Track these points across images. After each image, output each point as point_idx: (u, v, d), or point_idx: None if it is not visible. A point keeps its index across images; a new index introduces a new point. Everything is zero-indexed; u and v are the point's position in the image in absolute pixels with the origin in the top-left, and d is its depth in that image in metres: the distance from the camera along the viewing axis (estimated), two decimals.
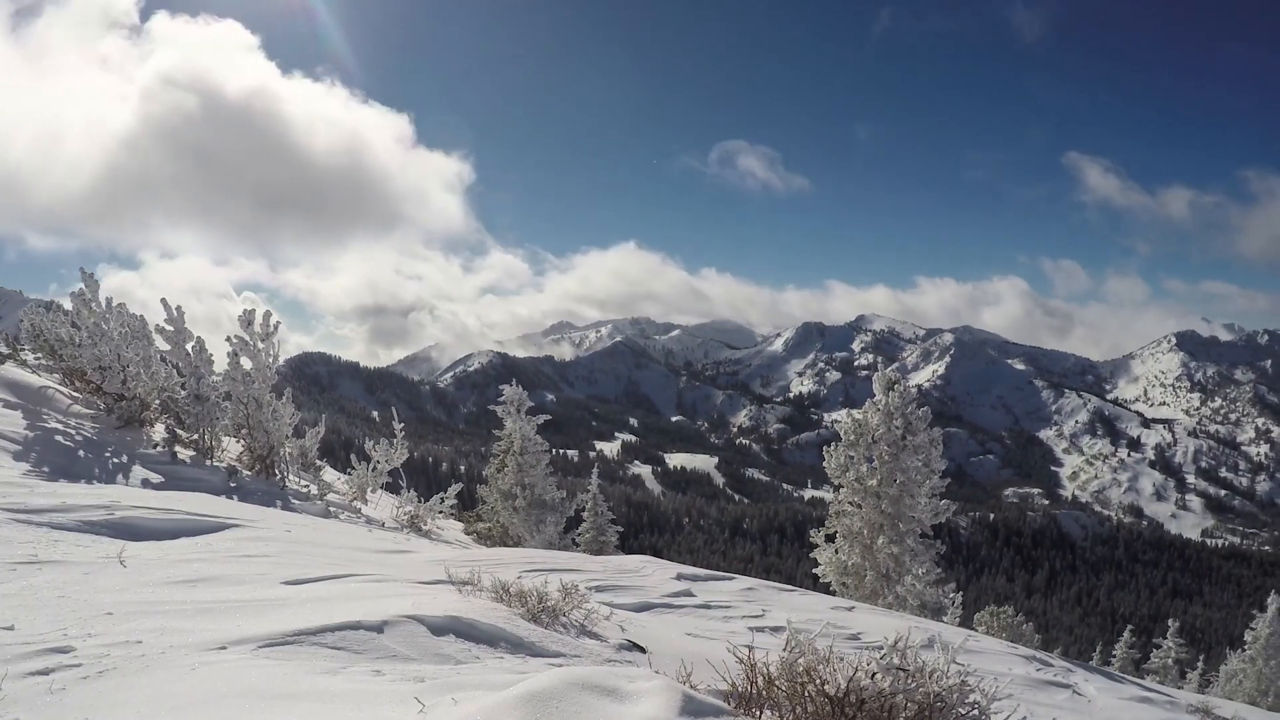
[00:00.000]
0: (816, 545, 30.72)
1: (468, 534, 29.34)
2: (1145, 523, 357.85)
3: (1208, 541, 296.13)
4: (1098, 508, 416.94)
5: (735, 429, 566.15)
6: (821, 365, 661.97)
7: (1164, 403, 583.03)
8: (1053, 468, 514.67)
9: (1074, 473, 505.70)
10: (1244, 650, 50.23)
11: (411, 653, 6.79)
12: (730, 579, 16.81)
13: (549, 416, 33.24)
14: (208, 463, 20.84)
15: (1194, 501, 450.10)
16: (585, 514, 37.68)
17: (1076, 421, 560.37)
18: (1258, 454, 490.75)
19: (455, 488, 26.84)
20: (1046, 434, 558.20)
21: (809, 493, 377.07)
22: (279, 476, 22.15)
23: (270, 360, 22.86)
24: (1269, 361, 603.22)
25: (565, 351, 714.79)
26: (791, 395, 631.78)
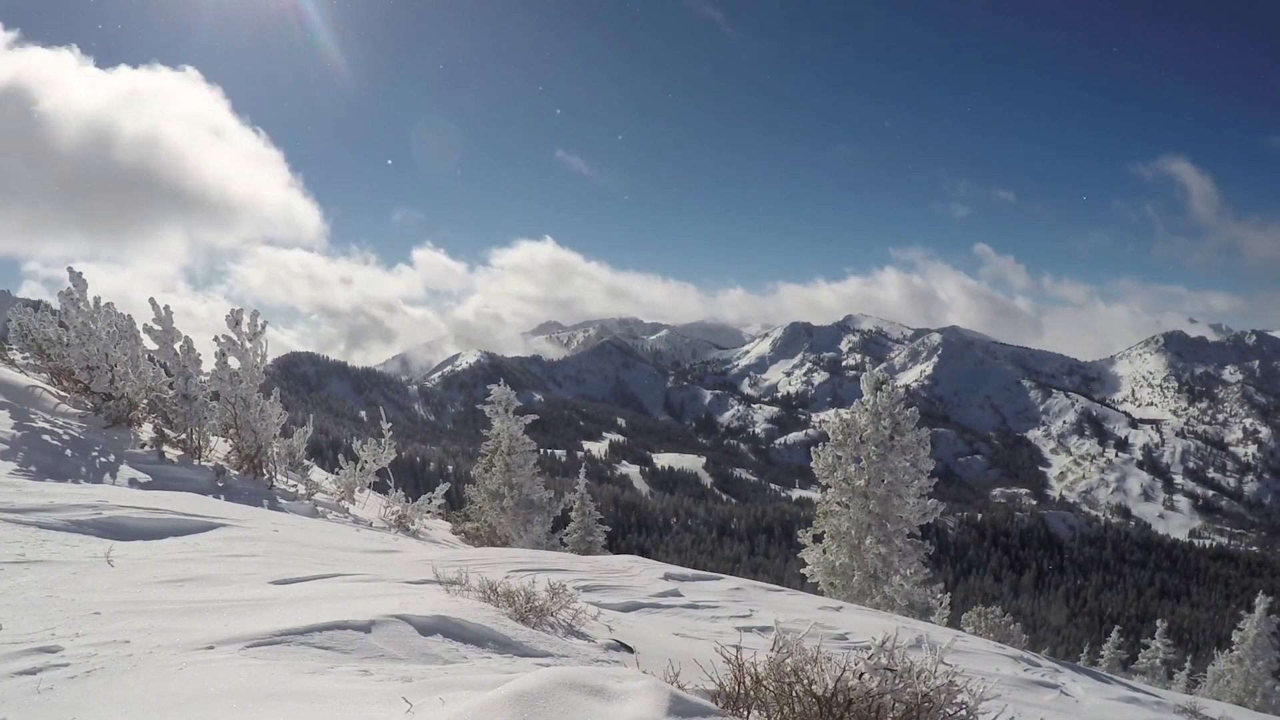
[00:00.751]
0: (804, 545, 30.79)
1: (455, 534, 29.36)
2: (1133, 523, 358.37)
3: (1195, 542, 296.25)
4: (1085, 508, 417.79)
5: (723, 429, 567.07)
6: (809, 365, 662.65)
7: (1152, 403, 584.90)
8: (1040, 468, 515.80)
9: (1062, 473, 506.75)
10: (1231, 651, 50.43)
11: (399, 652, 6.79)
12: (718, 579, 16.83)
13: (536, 416, 33.26)
14: (195, 462, 20.85)
15: (1181, 502, 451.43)
16: (573, 514, 37.68)
17: (1064, 422, 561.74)
18: (1245, 454, 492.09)
19: (443, 487, 26.92)
20: (1034, 434, 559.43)
21: (797, 493, 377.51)
22: (267, 476, 22.16)
23: (258, 360, 22.84)
24: (1257, 362, 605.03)
25: (553, 351, 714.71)
26: (779, 395, 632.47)
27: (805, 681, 5.92)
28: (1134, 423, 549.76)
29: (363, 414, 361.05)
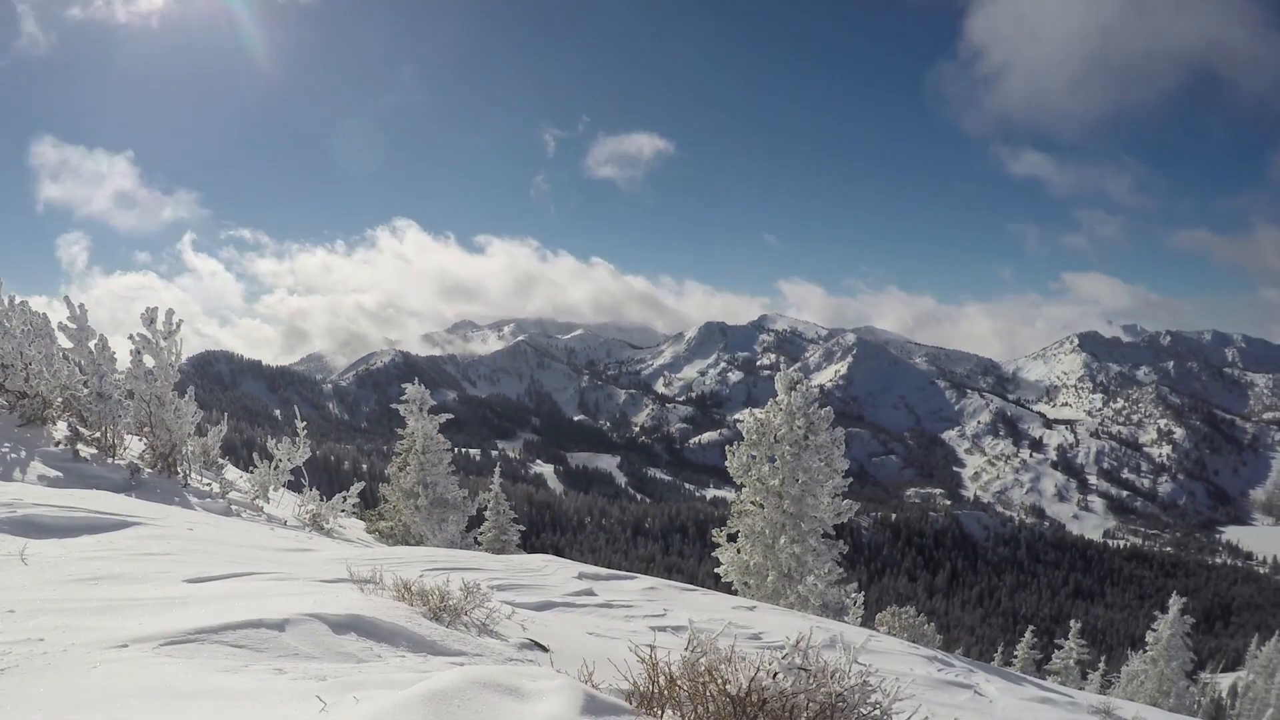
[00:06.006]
0: (719, 545, 30.86)
1: (370, 533, 29.26)
2: (1047, 523, 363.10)
3: (1109, 542, 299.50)
4: (1000, 508, 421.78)
5: (637, 428, 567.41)
6: (724, 365, 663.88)
7: (1066, 403, 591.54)
8: (955, 468, 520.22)
9: (976, 473, 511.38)
10: (1145, 651, 51.20)
11: (313, 651, 6.78)
12: (632, 578, 16.87)
13: (451, 415, 33.18)
14: (110, 460, 20.68)
15: (1096, 502, 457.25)
16: (487, 513, 37.56)
17: (979, 422, 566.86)
18: (1159, 455, 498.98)
19: (357, 486, 26.76)
20: (949, 434, 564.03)
21: (711, 492, 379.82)
22: (181, 474, 21.99)
23: (172, 358, 22.69)
24: (1171, 363, 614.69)
25: (467, 350, 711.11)
26: (694, 395, 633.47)
27: (719, 681, 5.97)
28: (1048, 423, 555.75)
29: (277, 413, 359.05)
